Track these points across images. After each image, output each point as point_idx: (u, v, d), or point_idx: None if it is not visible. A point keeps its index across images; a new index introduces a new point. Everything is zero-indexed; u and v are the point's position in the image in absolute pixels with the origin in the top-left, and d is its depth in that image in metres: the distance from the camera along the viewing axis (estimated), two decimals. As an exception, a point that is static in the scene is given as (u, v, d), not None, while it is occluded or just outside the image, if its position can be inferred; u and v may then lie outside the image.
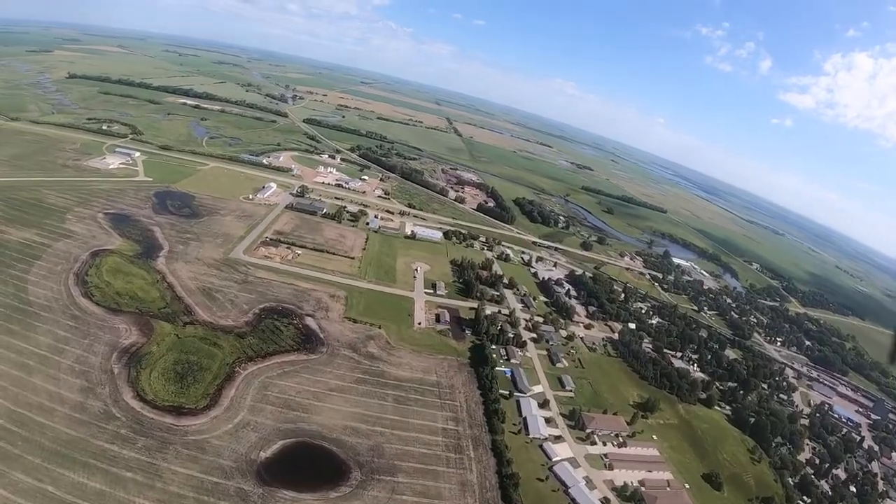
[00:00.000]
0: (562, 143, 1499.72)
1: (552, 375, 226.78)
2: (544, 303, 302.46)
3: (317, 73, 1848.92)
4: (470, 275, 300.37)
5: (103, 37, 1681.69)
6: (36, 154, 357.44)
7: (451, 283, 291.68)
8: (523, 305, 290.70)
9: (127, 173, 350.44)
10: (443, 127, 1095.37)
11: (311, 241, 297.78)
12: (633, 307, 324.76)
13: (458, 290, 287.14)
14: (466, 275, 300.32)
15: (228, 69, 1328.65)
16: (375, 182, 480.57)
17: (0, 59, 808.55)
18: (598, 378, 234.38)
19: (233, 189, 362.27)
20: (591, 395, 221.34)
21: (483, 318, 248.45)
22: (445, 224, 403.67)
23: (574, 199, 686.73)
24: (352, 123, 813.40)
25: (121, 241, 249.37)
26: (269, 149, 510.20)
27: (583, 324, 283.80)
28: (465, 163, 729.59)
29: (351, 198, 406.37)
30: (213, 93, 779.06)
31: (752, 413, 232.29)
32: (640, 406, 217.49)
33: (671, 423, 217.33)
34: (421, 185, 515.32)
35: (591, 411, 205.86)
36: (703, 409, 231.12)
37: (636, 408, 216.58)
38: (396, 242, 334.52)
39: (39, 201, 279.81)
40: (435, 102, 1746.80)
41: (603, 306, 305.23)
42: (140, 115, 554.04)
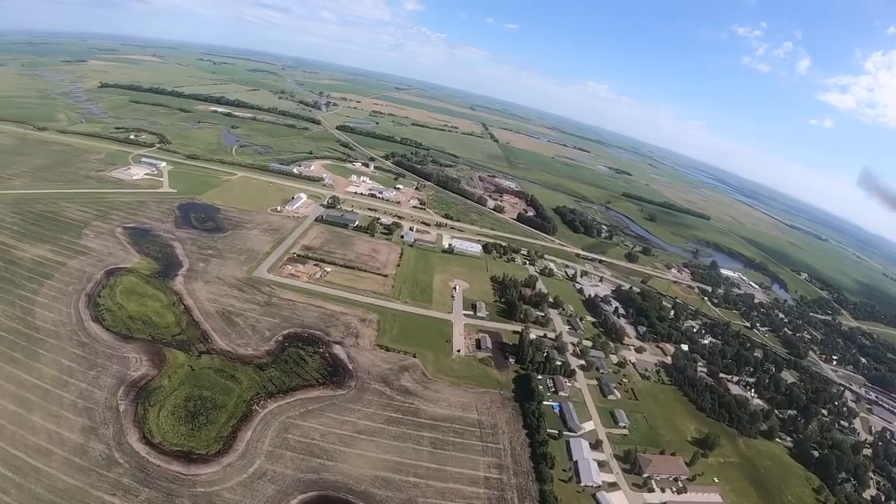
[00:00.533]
0: (598, 148, 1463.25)
1: (604, 409, 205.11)
2: (592, 323, 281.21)
3: (351, 80, 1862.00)
4: (512, 293, 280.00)
5: (140, 47, 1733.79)
6: (59, 165, 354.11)
7: (493, 304, 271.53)
8: (570, 327, 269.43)
9: (151, 184, 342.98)
10: (478, 132, 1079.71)
11: (342, 256, 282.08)
12: (683, 326, 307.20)
13: (500, 311, 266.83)
14: (509, 294, 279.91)
15: (262, 77, 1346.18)
16: (410, 191, 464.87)
17: (35, 68, 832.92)
18: (653, 411, 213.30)
19: (260, 200, 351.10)
20: (646, 431, 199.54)
21: (528, 344, 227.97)
22: (485, 236, 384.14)
23: (615, 206, 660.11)
24: (386, 130, 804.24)
25: (138, 259, 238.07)
26: (301, 157, 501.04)
27: (633, 347, 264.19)
28: (503, 169, 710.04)
29: (385, 209, 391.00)
30: (245, 100, 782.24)
31: (814, 445, 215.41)
32: (700, 443, 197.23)
33: (732, 462, 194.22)
34: (458, 193, 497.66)
35: (648, 452, 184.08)
36: (765, 443, 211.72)
37: (695, 445, 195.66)
38: (433, 257, 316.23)
39: (57, 215, 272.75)
40: (469, 107, 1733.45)
41: (653, 326, 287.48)
42: (170, 123, 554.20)
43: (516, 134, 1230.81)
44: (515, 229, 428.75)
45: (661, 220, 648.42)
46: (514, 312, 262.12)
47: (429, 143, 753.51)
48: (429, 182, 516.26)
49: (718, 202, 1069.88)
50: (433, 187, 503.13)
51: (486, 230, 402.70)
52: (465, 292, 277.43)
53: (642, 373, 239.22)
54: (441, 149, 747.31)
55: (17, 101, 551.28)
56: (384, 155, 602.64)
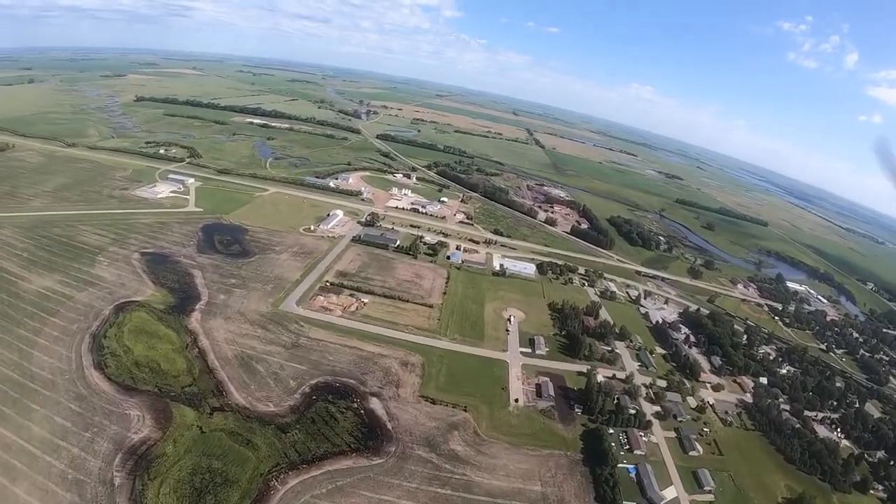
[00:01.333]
0: (644, 151, 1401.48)
1: (685, 469, 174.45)
2: (663, 356, 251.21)
3: (391, 88, 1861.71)
4: (574, 324, 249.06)
5: (181, 60, 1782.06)
6: (83, 183, 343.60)
7: (552, 338, 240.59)
8: (640, 363, 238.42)
9: (175, 203, 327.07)
10: (523, 138, 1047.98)
11: (381, 284, 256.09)
12: (759, 353, 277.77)
13: (562, 346, 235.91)
14: (570, 325, 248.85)
15: (302, 86, 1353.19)
16: (456, 204, 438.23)
17: (74, 84, 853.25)
18: (739, 467, 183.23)
19: (292, 219, 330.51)
20: (733, 495, 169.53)
21: (596, 390, 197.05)
22: (538, 254, 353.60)
23: (670, 214, 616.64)
24: (428, 138, 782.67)
25: (153, 291, 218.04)
26: (338, 169, 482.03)
27: (710, 384, 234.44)
28: (551, 177, 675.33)
29: (429, 225, 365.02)
30: (282, 111, 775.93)
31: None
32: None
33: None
34: (506, 205, 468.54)
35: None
36: (859, 498, 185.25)
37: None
38: (483, 282, 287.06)
39: (72, 239, 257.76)
40: (512, 113, 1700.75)
41: (728, 355, 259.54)
42: (203, 136, 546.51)
43: (561, 139, 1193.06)
44: (570, 245, 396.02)
45: (719, 227, 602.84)
46: (578, 348, 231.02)
47: (473, 151, 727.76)
48: (475, 193, 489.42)
49: (772, 205, 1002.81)
50: (480, 199, 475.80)
51: (539, 247, 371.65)
52: (520, 324, 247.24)
53: (723, 417, 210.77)
54: (486, 156, 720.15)
55: (51, 117, 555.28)
56: (427, 164, 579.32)
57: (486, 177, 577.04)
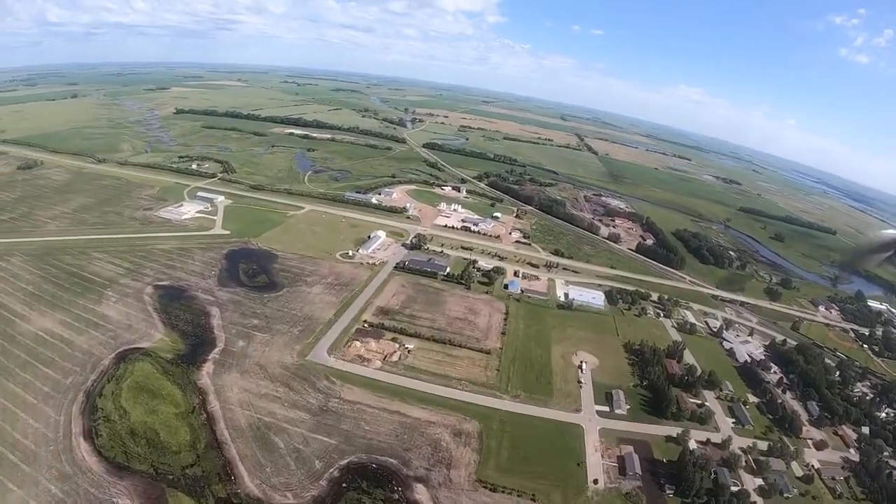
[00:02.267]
0: (697, 155, 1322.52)
1: None
2: (757, 406, 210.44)
3: (436, 95, 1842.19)
4: (656, 371, 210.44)
5: (227, 73, 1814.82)
6: (104, 203, 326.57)
7: (633, 391, 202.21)
8: (734, 420, 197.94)
9: (201, 225, 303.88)
10: (574, 144, 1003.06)
11: (429, 324, 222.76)
12: (855, 394, 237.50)
13: (644, 401, 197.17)
14: (651, 372, 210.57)
15: (346, 95, 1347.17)
16: (510, 220, 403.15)
17: (116, 98, 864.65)
18: None
19: (329, 242, 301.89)
20: None
21: (690, 463, 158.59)
22: (604, 278, 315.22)
23: (735, 224, 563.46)
24: (477, 146, 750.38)
25: (162, 334, 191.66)
26: (382, 182, 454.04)
27: (812, 440, 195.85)
28: (607, 186, 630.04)
29: (482, 246, 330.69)
30: (324, 121, 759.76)
31: None
32: None
33: None
34: (565, 220, 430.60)
35: None
36: None
37: None
38: (547, 316, 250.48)
39: (82, 270, 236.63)
40: (560, 117, 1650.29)
41: (825, 399, 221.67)
42: (240, 149, 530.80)
43: (612, 144, 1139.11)
44: (637, 265, 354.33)
45: (789, 238, 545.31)
46: (664, 404, 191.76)
47: (524, 159, 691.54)
48: (530, 207, 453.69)
49: (833, 210, 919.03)
50: (535, 213, 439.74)
51: (605, 269, 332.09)
52: (594, 372, 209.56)
53: (831, 486, 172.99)
54: (538, 165, 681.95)
55: (86, 132, 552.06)
56: (477, 175, 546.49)
57: (540, 187, 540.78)
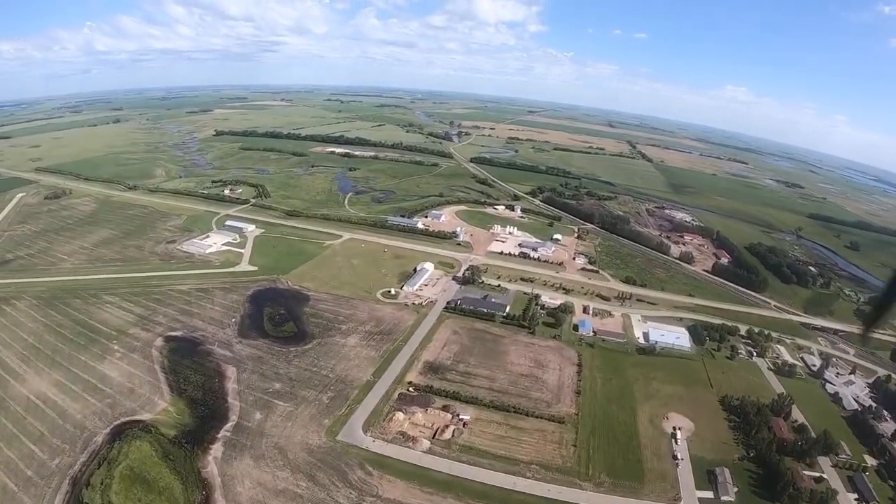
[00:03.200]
0: (751, 157, 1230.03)
1: None
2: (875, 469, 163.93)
3: (481, 107, 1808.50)
4: (764, 439, 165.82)
5: (272, 93, 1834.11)
6: (127, 236, 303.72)
7: (738, 465, 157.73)
8: (858, 497, 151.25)
9: (226, 260, 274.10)
10: (627, 152, 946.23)
11: (488, 383, 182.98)
12: None
13: (753, 480, 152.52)
14: (758, 440, 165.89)
15: (390, 111, 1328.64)
16: (571, 241, 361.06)
17: (158, 121, 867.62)
18: None
19: (368, 277, 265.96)
20: None
21: None
22: (683, 308, 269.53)
23: (807, 233, 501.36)
24: (527, 158, 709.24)
25: (167, 402, 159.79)
26: (429, 203, 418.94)
27: None
28: (668, 197, 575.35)
29: (545, 277, 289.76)
30: (367, 138, 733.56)
31: None
32: None
33: None
34: (630, 239, 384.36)
35: None
36: None
37: None
38: (627, 365, 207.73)
39: (90, 317, 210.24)
40: (608, 125, 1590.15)
41: None
42: (278, 170, 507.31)
43: (665, 150, 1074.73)
44: (716, 290, 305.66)
45: (864, 247, 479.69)
46: (778, 485, 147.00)
47: (578, 171, 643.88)
48: (591, 225, 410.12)
49: None
50: (598, 231, 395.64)
51: (682, 298, 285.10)
52: (690, 441, 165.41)
53: None
54: (592, 176, 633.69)
55: (122, 158, 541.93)
56: (530, 191, 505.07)
57: (598, 202, 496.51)
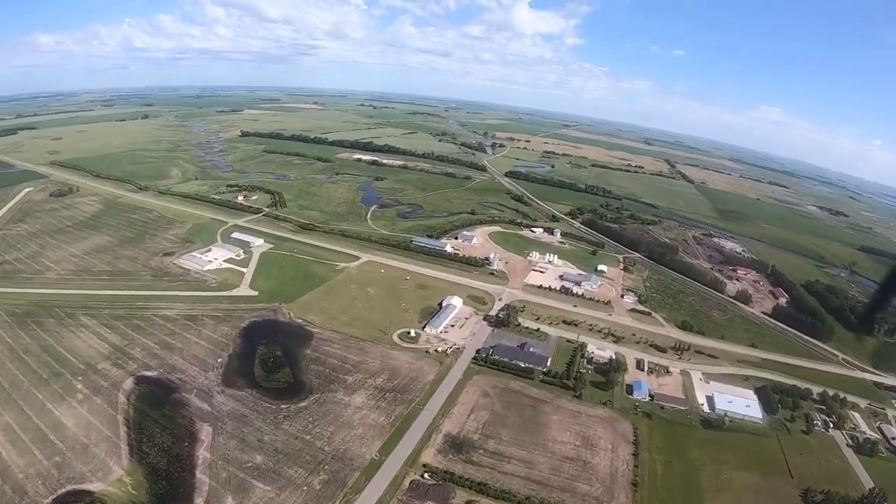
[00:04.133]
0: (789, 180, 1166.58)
1: None
2: None
3: (516, 119, 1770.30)
4: None
5: (306, 96, 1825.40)
6: (123, 244, 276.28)
7: None
8: None
9: (224, 280, 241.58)
10: (666, 171, 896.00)
11: (524, 469, 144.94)
12: None
13: None
14: None
15: (423, 119, 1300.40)
16: (618, 274, 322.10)
17: (186, 119, 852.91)
18: None
19: (385, 313, 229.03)
20: None
21: None
22: (748, 364, 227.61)
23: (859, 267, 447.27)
24: (564, 174, 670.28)
25: (123, 470, 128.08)
26: (458, 221, 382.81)
27: None
28: (715, 223, 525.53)
29: (590, 319, 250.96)
30: (397, 145, 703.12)
31: None
32: None
33: None
34: (680, 272, 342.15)
35: None
36: None
37: None
38: (691, 444, 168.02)
39: (59, 342, 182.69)
40: (644, 141, 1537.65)
41: None
42: (299, 176, 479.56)
43: (704, 170, 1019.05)
44: (779, 339, 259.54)
45: None
46: None
47: (617, 190, 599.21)
48: (636, 253, 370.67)
49: None
50: (644, 262, 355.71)
51: (744, 349, 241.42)
52: None
53: None
54: (633, 196, 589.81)
55: (140, 155, 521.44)
56: (569, 211, 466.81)
57: (642, 226, 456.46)
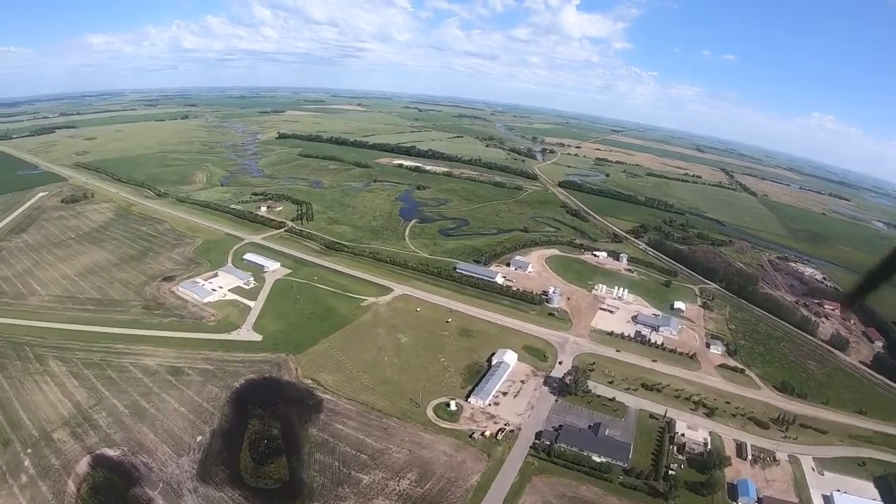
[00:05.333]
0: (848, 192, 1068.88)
1: None
2: None
3: (563, 123, 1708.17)
4: None
5: (351, 98, 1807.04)
6: (121, 264, 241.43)
7: None
8: None
9: (225, 318, 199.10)
10: (725, 182, 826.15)
11: None
12: None
13: None
14: None
15: (469, 122, 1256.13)
16: (697, 312, 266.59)
17: (226, 119, 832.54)
18: None
19: (419, 371, 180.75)
20: None
21: None
22: (860, 439, 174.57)
23: None
24: (620, 184, 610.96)
25: None
26: (510, 241, 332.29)
27: None
28: (786, 243, 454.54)
29: (675, 381, 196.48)
30: (441, 150, 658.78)
31: None
32: None
33: None
34: (765, 308, 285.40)
35: None
36: None
37: None
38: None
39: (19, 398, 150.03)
40: (696, 149, 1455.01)
41: None
42: (333, 183, 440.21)
43: (763, 181, 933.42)
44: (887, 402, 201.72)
45: None
46: None
47: (678, 203, 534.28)
48: (712, 283, 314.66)
49: None
50: (723, 295, 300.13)
51: (853, 419, 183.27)
52: None
53: None
54: (696, 210, 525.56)
55: (168, 158, 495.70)
56: (631, 228, 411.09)
57: (712, 247, 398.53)
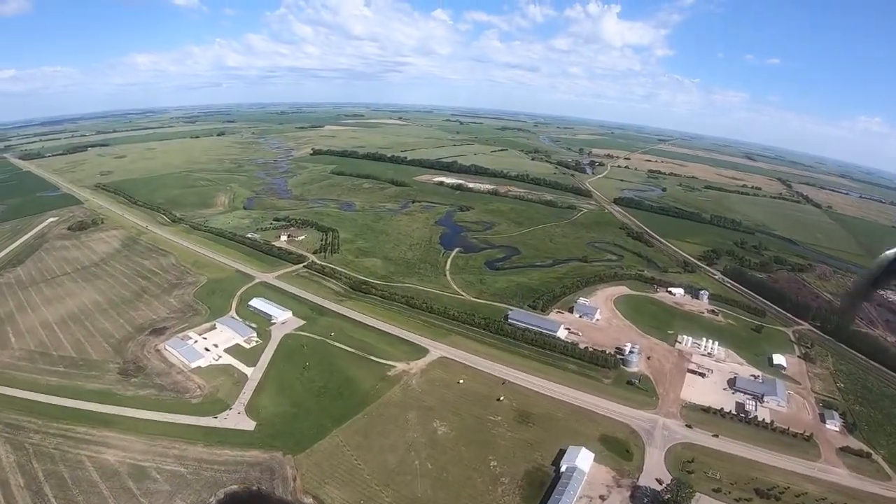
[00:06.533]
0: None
1: None
2: None
3: (608, 133, 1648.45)
4: None
5: (389, 111, 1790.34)
6: (111, 309, 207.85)
7: None
8: None
9: (214, 392, 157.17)
10: (785, 193, 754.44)
11: None
12: None
13: None
14: None
15: (512, 135, 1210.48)
16: (799, 368, 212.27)
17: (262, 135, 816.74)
18: None
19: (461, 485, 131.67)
20: None
21: None
22: None
23: None
24: (679, 199, 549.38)
25: None
26: (568, 275, 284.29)
27: None
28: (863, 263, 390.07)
29: (793, 483, 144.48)
30: (485, 165, 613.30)
31: None
32: None
33: None
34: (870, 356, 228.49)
35: None
36: None
37: None
38: None
39: None
40: (746, 157, 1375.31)
41: None
42: (367, 205, 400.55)
43: (822, 190, 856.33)
44: None
45: None
46: None
47: (744, 219, 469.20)
48: (804, 323, 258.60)
49: None
50: (819, 339, 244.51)
51: None
52: None
53: None
54: (764, 227, 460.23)
55: (193, 177, 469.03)
56: (701, 254, 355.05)
57: (792, 273, 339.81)
